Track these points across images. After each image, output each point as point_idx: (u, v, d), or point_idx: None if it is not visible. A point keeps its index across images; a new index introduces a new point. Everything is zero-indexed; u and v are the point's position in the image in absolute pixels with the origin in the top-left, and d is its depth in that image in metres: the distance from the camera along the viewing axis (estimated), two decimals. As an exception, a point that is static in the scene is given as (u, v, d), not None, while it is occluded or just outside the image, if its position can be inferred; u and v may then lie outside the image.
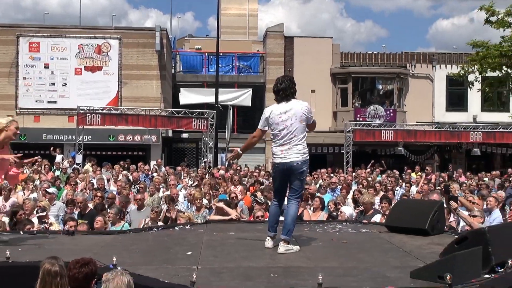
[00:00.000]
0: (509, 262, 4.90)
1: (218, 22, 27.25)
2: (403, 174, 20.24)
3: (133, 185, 14.35)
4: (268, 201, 10.49)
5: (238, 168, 20.19)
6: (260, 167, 23.58)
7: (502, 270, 4.82)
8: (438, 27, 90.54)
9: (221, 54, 27.23)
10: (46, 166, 17.39)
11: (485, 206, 10.02)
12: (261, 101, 30.70)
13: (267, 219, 8.98)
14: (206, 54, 31.96)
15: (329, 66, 31.01)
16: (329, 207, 10.27)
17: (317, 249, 6.06)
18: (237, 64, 32.03)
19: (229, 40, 32.40)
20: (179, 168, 19.59)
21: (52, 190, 11.72)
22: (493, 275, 4.72)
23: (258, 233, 7.09)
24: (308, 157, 6.17)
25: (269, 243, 6.14)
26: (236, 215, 9.45)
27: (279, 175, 6.33)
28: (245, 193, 12.33)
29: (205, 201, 10.63)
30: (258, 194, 11.50)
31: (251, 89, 29.96)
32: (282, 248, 5.96)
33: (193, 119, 23.85)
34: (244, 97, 29.28)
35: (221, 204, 9.41)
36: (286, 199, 6.48)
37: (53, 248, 5.82)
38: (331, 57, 31.24)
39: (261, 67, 32.30)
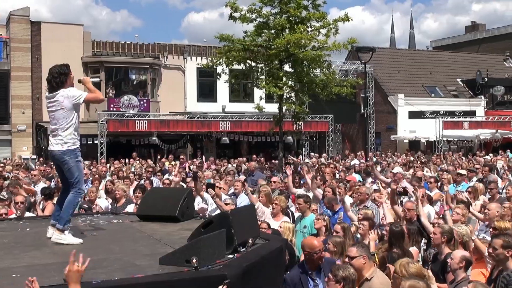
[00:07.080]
0: (250, 241, 5.31)
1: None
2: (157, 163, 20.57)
3: None
4: (13, 196, 9.83)
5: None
6: (6, 161, 22.00)
7: (244, 249, 5.18)
8: (190, 20, 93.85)
9: (-44, 37, 24.56)
10: None
11: (232, 190, 10.73)
12: (5, 90, 28.56)
13: (11, 216, 8.44)
14: None
15: (81, 54, 29.98)
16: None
17: (65, 244, 5.83)
18: (-23, 49, 29.25)
19: (-35, 22, 29.42)
20: None
21: None
22: (236, 254, 5.03)
23: (1, 232, 6.59)
24: (74, 146, 6.06)
25: (48, 232, 6.02)
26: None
27: (54, 164, 6.61)
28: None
29: None
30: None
31: (-7, 76, 27.61)
32: (54, 236, 5.90)
33: None
34: (-15, 85, 26.81)
35: None
36: None
37: None
38: (82, 45, 30.25)
39: (5, 53, 29.85)
